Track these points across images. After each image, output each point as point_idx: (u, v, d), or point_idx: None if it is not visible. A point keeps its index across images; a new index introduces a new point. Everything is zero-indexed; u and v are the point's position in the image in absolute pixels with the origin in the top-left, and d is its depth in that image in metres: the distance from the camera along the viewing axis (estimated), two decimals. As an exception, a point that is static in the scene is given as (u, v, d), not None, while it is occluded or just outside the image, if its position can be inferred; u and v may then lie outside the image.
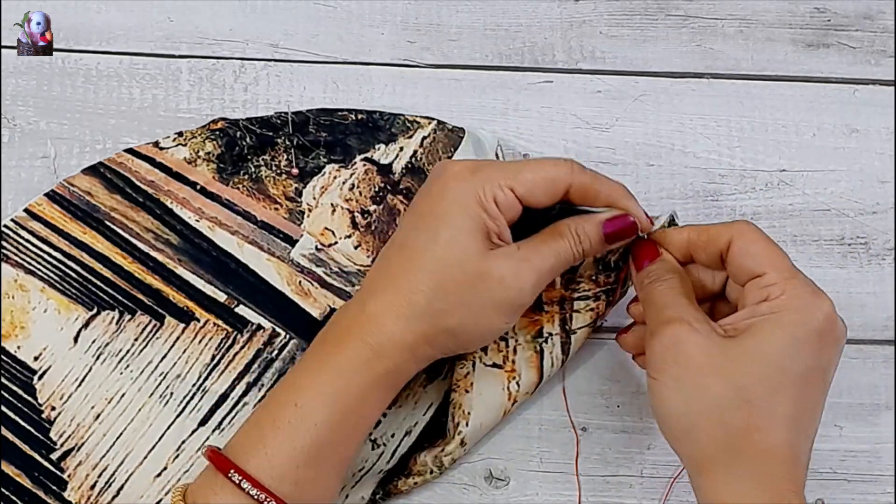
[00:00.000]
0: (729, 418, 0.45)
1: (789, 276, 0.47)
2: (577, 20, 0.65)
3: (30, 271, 0.58)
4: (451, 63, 0.64)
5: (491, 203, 0.49)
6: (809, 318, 0.46)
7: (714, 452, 0.46)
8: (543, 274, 0.50)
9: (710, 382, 0.46)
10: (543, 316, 0.55)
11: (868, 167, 0.63)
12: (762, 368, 0.45)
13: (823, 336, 0.46)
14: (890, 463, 0.58)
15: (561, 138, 0.63)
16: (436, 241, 0.49)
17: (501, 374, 0.54)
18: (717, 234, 0.50)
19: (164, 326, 0.58)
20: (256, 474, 0.46)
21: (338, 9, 0.65)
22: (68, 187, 0.59)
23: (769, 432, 0.45)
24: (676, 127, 0.63)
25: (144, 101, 0.62)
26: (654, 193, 0.62)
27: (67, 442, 0.56)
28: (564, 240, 0.51)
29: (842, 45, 0.65)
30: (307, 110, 0.61)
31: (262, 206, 0.59)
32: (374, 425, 0.51)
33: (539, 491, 0.57)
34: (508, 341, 0.55)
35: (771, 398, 0.45)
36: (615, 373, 0.59)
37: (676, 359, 0.46)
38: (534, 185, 0.50)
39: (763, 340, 0.46)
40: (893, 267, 0.61)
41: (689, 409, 0.46)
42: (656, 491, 0.57)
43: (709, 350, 0.46)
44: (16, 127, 0.61)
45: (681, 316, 0.47)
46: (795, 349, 0.45)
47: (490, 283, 0.49)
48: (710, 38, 0.65)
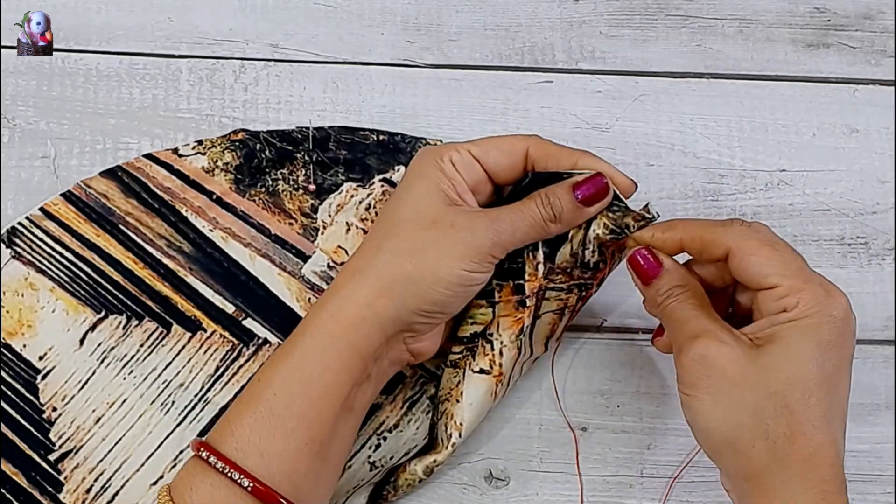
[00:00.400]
0: (772, 427, 0.45)
1: (801, 282, 0.47)
2: (577, 20, 0.65)
3: (41, 270, 0.58)
4: (451, 63, 0.64)
5: (447, 164, 0.50)
6: (829, 320, 0.46)
7: (761, 462, 0.46)
8: (503, 225, 0.49)
9: (746, 392, 0.45)
10: (525, 312, 0.53)
11: (868, 167, 0.63)
12: (795, 374, 0.45)
13: (843, 333, 0.46)
14: (890, 463, 0.58)
15: (561, 138, 0.62)
16: (396, 204, 0.50)
17: (489, 379, 0.54)
18: (711, 243, 0.49)
19: (170, 334, 0.57)
20: (224, 449, 0.46)
21: (338, 9, 0.65)
22: (85, 189, 0.59)
23: (811, 436, 0.45)
24: (676, 127, 0.63)
25: (144, 101, 0.62)
26: (654, 193, 0.62)
27: (66, 444, 0.56)
28: (532, 201, 0.50)
29: (842, 45, 0.65)
30: (329, 127, 0.61)
31: (276, 219, 0.59)
32: (347, 402, 0.48)
33: (539, 491, 0.57)
34: (494, 343, 0.53)
35: (807, 402, 0.45)
36: (615, 373, 0.59)
37: (708, 373, 0.46)
38: (491, 145, 0.51)
39: (790, 347, 0.46)
40: (893, 267, 0.61)
41: (728, 422, 0.46)
42: (656, 491, 0.57)
43: (739, 361, 0.46)
44: (16, 127, 0.61)
45: (704, 329, 0.47)
46: (822, 351, 0.46)
47: (444, 229, 0.49)
48: (710, 38, 0.65)
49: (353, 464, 0.55)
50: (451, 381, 0.54)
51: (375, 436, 0.56)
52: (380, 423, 0.56)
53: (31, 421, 0.56)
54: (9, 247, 0.58)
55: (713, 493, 0.57)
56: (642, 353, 0.59)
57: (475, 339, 0.54)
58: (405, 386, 0.57)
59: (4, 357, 0.56)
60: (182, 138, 0.61)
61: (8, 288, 0.57)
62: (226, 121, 0.62)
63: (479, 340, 0.53)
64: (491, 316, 0.53)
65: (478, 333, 0.53)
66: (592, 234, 0.51)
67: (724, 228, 0.49)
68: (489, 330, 0.53)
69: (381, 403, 0.56)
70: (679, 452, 0.57)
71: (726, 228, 0.49)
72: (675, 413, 0.57)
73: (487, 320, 0.53)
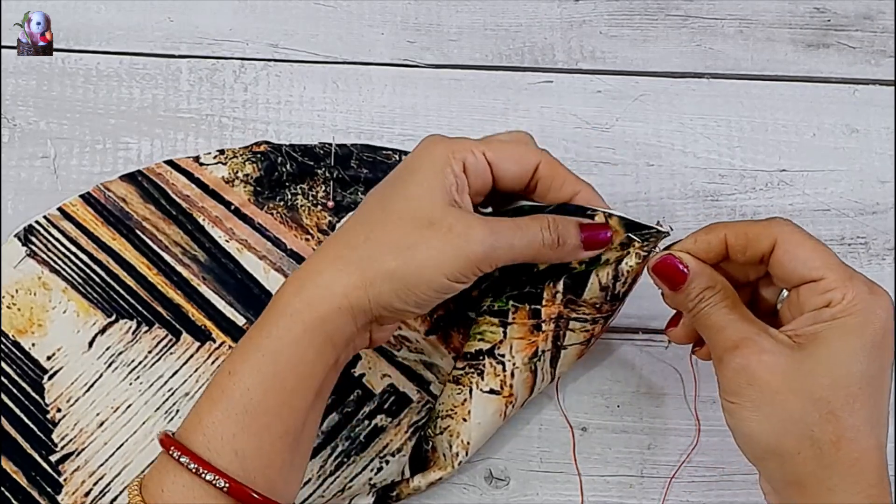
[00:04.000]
0: (818, 433, 0.45)
1: (847, 277, 0.46)
2: (577, 20, 0.65)
3: (55, 270, 0.58)
4: (451, 63, 0.64)
5: (459, 164, 0.48)
6: (874, 319, 0.45)
7: (806, 468, 0.45)
8: (500, 240, 0.47)
9: (789, 400, 0.45)
10: (539, 336, 0.53)
11: (868, 167, 0.63)
12: (839, 378, 0.45)
13: (887, 334, 0.45)
14: (890, 463, 0.58)
15: (561, 138, 0.63)
16: (393, 195, 0.48)
17: (499, 399, 0.53)
18: (756, 237, 0.48)
19: (179, 342, 0.57)
20: (195, 448, 0.45)
21: (338, 9, 0.65)
22: (104, 191, 0.59)
23: (857, 441, 0.44)
24: (676, 127, 0.63)
25: (144, 101, 0.62)
26: (654, 193, 0.62)
27: (68, 445, 0.56)
28: (536, 223, 0.49)
29: (842, 45, 0.65)
30: (352, 144, 0.61)
31: (293, 234, 0.59)
32: (319, 390, 0.47)
33: (539, 491, 0.57)
34: (506, 364, 0.53)
35: (852, 406, 0.44)
36: (615, 373, 0.59)
37: (750, 382, 0.46)
38: (505, 152, 0.50)
39: (834, 349, 0.45)
40: (893, 267, 0.61)
41: (773, 429, 0.46)
42: (656, 491, 0.57)
43: (781, 367, 0.45)
44: (16, 127, 0.61)
45: (743, 337, 0.46)
46: (866, 353, 0.45)
47: (439, 231, 0.47)
48: (710, 38, 0.65)
49: (353, 485, 0.55)
50: (454, 397, 0.54)
51: (378, 458, 0.56)
52: (383, 446, 0.56)
53: (34, 420, 0.56)
54: (24, 244, 0.58)
55: (713, 493, 0.57)
56: (642, 353, 0.59)
57: (480, 356, 0.53)
58: (410, 411, 0.57)
59: (13, 355, 0.56)
60: (182, 138, 0.61)
61: (21, 286, 0.57)
62: (226, 121, 0.62)
63: (484, 359, 0.53)
64: (501, 336, 0.53)
65: (483, 351, 0.53)
66: (626, 268, 0.51)
67: (768, 223, 0.48)
68: (499, 350, 0.53)
69: (386, 427, 0.56)
70: (679, 452, 0.57)
71: (771, 223, 0.48)
72: (675, 413, 0.58)
73: (497, 340, 0.53)
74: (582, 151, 0.62)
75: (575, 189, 0.51)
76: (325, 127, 0.62)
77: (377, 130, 0.62)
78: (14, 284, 0.57)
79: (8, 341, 0.57)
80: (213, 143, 0.61)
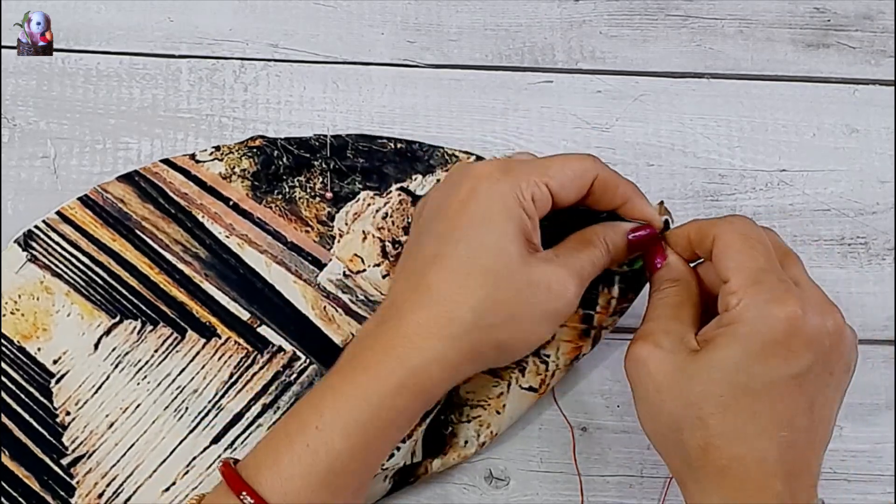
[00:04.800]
0: (687, 438, 0.45)
1: (750, 283, 0.44)
2: (577, 20, 0.65)
3: (56, 274, 0.58)
4: (451, 63, 0.64)
5: (529, 202, 0.47)
6: (764, 328, 0.43)
7: (680, 468, 0.46)
8: (583, 281, 0.49)
9: (666, 401, 0.45)
10: (586, 341, 0.55)
11: (868, 167, 0.63)
12: (713, 385, 0.44)
13: (788, 343, 0.43)
14: (890, 463, 0.58)
15: (561, 138, 0.63)
16: (479, 249, 0.47)
17: (534, 397, 0.55)
18: (705, 233, 0.48)
19: (184, 340, 0.57)
20: (269, 496, 0.44)
21: (338, 9, 0.65)
22: (102, 193, 0.59)
23: (725, 448, 0.44)
24: (676, 127, 0.63)
25: (144, 101, 0.62)
26: (654, 193, 0.62)
27: (79, 448, 0.55)
28: (597, 249, 0.49)
29: (842, 45, 0.65)
30: (347, 135, 0.60)
31: (293, 227, 0.59)
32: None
33: (539, 491, 0.57)
34: (549, 364, 0.54)
35: (723, 415, 0.44)
36: (615, 373, 0.59)
37: (639, 377, 0.46)
38: (565, 178, 0.48)
39: (716, 356, 0.44)
40: (893, 267, 0.61)
41: (652, 427, 0.47)
42: (656, 491, 0.57)
43: (668, 368, 0.45)
44: (16, 127, 0.61)
45: (652, 331, 0.47)
46: (749, 362, 0.43)
47: (538, 293, 0.47)
48: (710, 38, 0.65)
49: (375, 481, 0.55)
50: (488, 388, 0.55)
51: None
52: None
53: (44, 425, 0.56)
54: (25, 249, 0.58)
55: (713, 493, 0.57)
56: (642, 353, 0.59)
57: None
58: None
59: (19, 360, 0.56)
60: (182, 138, 0.61)
61: (23, 291, 0.57)
62: (226, 121, 0.62)
63: (529, 357, 0.54)
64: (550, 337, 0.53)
65: None
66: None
67: (716, 221, 0.48)
68: (545, 350, 0.55)
69: None
70: (679, 452, 0.57)
71: (717, 221, 0.48)
72: (675, 413, 0.58)
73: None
74: (582, 151, 0.62)
75: (624, 196, 0.50)
76: (325, 127, 0.62)
77: (377, 130, 0.62)
78: (17, 290, 0.57)
79: (13, 347, 0.56)
80: (214, 143, 0.61)
